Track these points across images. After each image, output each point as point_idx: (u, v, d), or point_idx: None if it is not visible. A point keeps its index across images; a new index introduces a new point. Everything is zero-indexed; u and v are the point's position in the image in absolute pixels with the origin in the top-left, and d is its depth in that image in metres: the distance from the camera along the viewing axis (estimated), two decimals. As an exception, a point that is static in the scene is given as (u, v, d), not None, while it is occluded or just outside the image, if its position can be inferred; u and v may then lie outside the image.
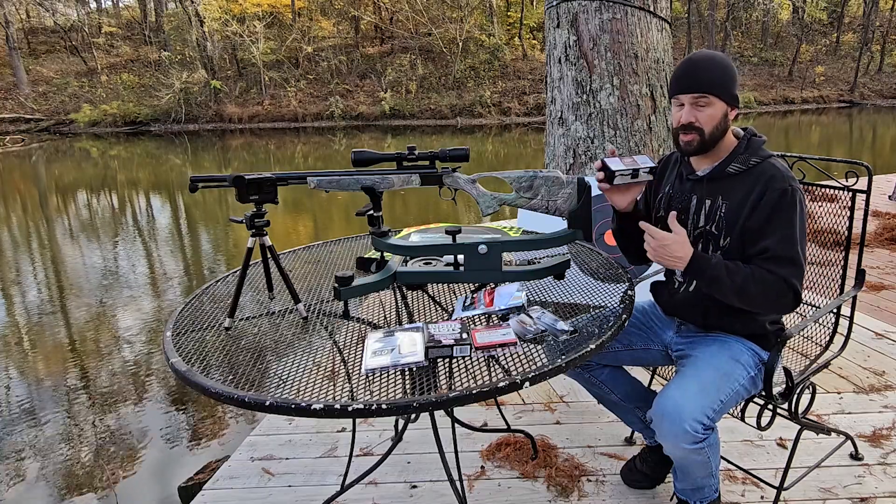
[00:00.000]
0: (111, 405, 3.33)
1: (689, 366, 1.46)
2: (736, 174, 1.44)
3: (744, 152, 1.44)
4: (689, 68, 1.41)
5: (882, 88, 27.59)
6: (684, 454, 1.35)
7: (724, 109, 1.41)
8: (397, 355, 1.18)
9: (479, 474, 1.93)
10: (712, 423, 1.34)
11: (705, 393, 1.36)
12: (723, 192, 1.45)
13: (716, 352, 1.47)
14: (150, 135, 21.81)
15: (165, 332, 1.37)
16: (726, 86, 1.40)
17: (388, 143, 18.11)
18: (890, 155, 13.45)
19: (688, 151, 1.45)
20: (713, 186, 1.47)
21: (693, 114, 1.41)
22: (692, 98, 1.40)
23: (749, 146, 1.45)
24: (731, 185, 1.44)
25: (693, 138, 1.42)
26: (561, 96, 2.62)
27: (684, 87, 1.41)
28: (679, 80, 1.42)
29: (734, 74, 1.42)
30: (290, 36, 26.59)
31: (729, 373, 1.43)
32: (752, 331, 1.50)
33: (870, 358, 2.66)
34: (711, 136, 1.42)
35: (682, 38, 26.76)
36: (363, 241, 2.11)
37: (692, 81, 1.40)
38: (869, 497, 1.78)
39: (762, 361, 1.49)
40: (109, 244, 7.22)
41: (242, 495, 1.89)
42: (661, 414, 1.34)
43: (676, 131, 1.44)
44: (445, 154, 1.50)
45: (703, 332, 1.57)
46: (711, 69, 1.39)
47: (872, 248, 4.43)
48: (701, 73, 1.39)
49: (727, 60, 1.43)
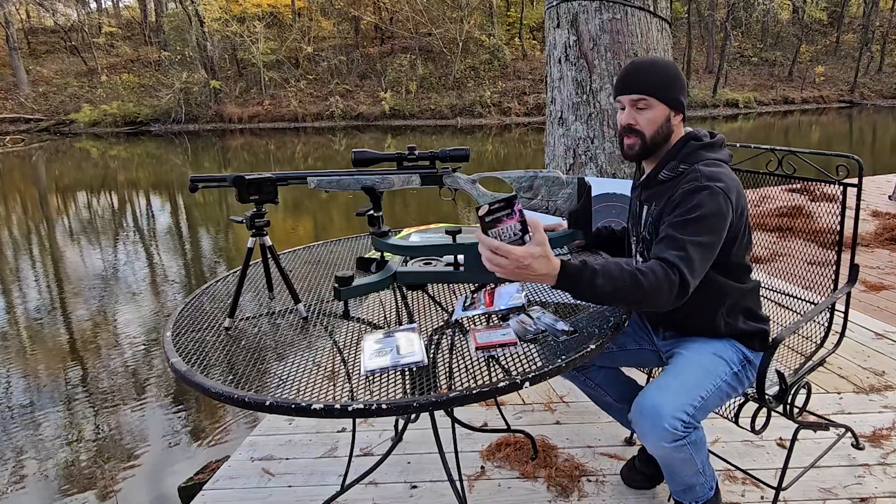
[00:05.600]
0: (111, 405, 3.34)
1: (670, 364, 1.46)
2: (665, 180, 1.42)
3: (675, 158, 1.41)
4: (629, 71, 1.41)
5: (882, 88, 27.60)
6: (665, 452, 1.34)
7: (665, 113, 1.40)
8: (397, 356, 1.18)
9: (479, 474, 1.93)
10: (693, 421, 1.33)
11: (685, 390, 1.36)
12: (655, 197, 1.44)
13: (698, 349, 1.47)
14: (150, 135, 21.81)
15: (165, 332, 1.37)
16: (668, 89, 1.39)
17: (388, 143, 18.11)
18: (890, 155, 13.45)
19: (629, 155, 1.45)
20: (649, 192, 1.47)
21: (633, 116, 1.41)
22: (631, 100, 1.40)
23: (682, 151, 1.41)
24: (661, 191, 1.43)
25: (634, 142, 1.42)
26: (561, 96, 2.62)
27: (625, 89, 1.41)
28: (620, 82, 1.42)
29: (678, 79, 1.41)
30: (290, 36, 26.60)
31: (710, 369, 1.42)
32: (732, 333, 1.49)
33: (870, 358, 2.66)
34: (653, 139, 1.41)
35: (682, 38, 26.75)
36: (363, 241, 2.11)
37: (631, 83, 1.40)
38: (869, 497, 1.78)
39: (747, 358, 1.49)
40: (109, 244, 7.22)
41: (242, 495, 1.89)
42: (639, 413, 1.33)
43: (620, 134, 1.44)
44: (445, 154, 1.50)
45: (684, 335, 1.57)
46: (652, 73, 1.39)
47: (872, 248, 4.43)
48: (641, 76, 1.39)
49: (672, 66, 1.42)
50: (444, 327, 1.39)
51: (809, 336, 1.91)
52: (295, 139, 19.78)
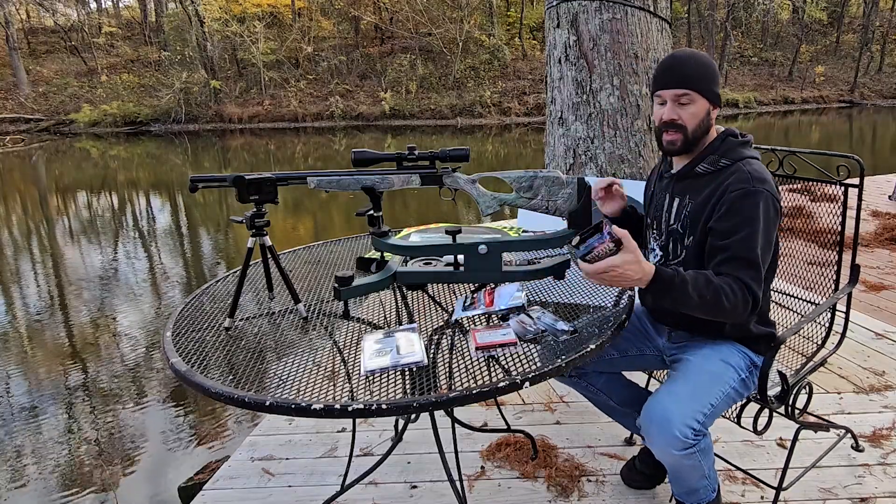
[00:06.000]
0: (111, 405, 3.33)
1: (679, 370, 1.45)
2: (704, 174, 1.42)
3: (715, 152, 1.41)
4: (671, 65, 1.39)
5: (882, 88, 27.59)
6: (675, 460, 1.33)
7: (706, 107, 1.39)
8: (397, 356, 1.18)
9: (479, 474, 1.93)
10: (703, 428, 1.33)
11: (695, 398, 1.35)
12: (690, 190, 1.43)
13: (707, 355, 1.46)
14: (150, 135, 21.81)
15: (165, 332, 1.37)
16: (709, 83, 1.38)
17: (388, 143, 18.11)
18: (890, 155, 13.45)
19: (671, 151, 1.43)
20: (682, 185, 1.46)
21: (675, 111, 1.39)
22: (675, 95, 1.38)
23: (723, 146, 1.41)
24: (698, 185, 1.42)
25: (677, 137, 1.40)
26: (561, 96, 2.62)
27: (667, 83, 1.39)
28: (661, 76, 1.40)
29: (716, 73, 1.40)
30: (290, 36, 26.59)
31: (719, 376, 1.42)
32: (741, 334, 1.49)
33: (870, 358, 2.66)
34: (694, 134, 1.40)
35: (682, 38, 26.76)
36: (363, 241, 2.11)
37: (675, 77, 1.38)
38: (869, 497, 1.78)
39: (753, 363, 1.48)
40: (109, 244, 7.22)
41: (242, 495, 1.89)
42: (650, 420, 1.32)
43: (659, 129, 1.42)
44: (445, 154, 1.50)
45: (693, 336, 1.56)
46: (694, 66, 1.38)
47: (872, 249, 4.43)
48: (684, 70, 1.37)
49: (709, 59, 1.42)
50: (444, 327, 1.39)
51: (810, 336, 1.91)
52: (295, 139, 19.78)
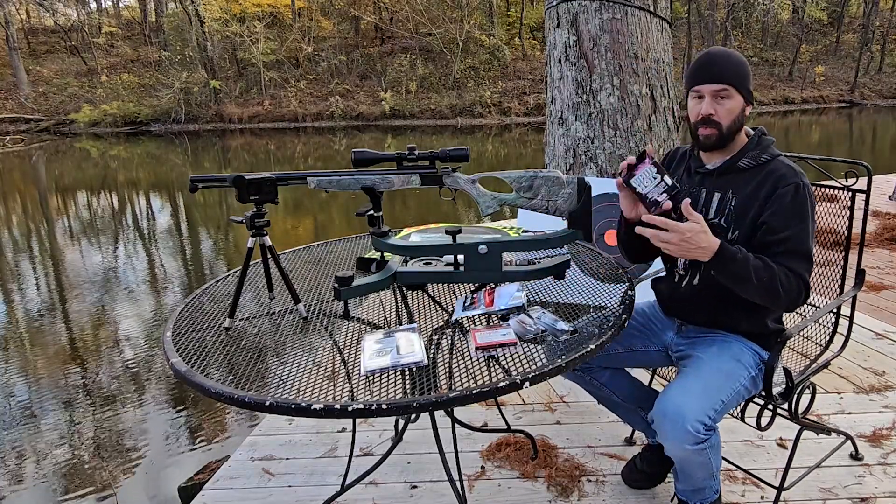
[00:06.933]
0: (111, 405, 3.33)
1: (690, 366, 1.46)
2: (746, 169, 1.45)
3: (754, 149, 1.45)
4: (710, 60, 1.42)
5: (882, 88, 27.58)
6: (686, 455, 1.35)
7: (741, 104, 1.42)
8: (397, 356, 1.18)
9: (479, 474, 1.93)
10: (714, 424, 1.35)
11: (707, 393, 1.36)
12: (733, 186, 1.46)
13: (717, 352, 1.47)
14: (150, 135, 21.81)
15: (165, 332, 1.37)
16: (745, 80, 1.42)
17: (388, 143, 18.11)
18: (890, 155, 13.45)
19: (706, 146, 1.46)
20: (723, 180, 1.48)
21: (713, 106, 1.41)
22: (713, 90, 1.40)
23: (759, 143, 1.46)
24: (740, 180, 1.45)
25: (712, 133, 1.43)
26: (561, 96, 2.62)
27: (706, 78, 1.41)
28: (700, 72, 1.42)
29: (750, 72, 1.43)
30: (290, 36, 26.59)
31: (730, 373, 1.43)
32: (756, 329, 1.50)
33: (870, 358, 2.66)
34: (729, 130, 1.42)
35: (682, 38, 26.75)
36: (363, 241, 2.11)
37: (714, 73, 1.40)
38: (869, 497, 1.78)
39: (762, 361, 1.49)
40: (110, 244, 7.22)
41: (242, 495, 1.89)
42: (662, 415, 1.34)
43: (696, 125, 1.45)
44: (445, 154, 1.50)
45: (705, 330, 1.57)
46: (731, 63, 1.41)
47: (872, 249, 4.43)
48: (723, 66, 1.40)
49: (743, 57, 1.45)
50: (444, 327, 1.39)
51: (812, 338, 1.91)
52: (295, 139, 19.78)
